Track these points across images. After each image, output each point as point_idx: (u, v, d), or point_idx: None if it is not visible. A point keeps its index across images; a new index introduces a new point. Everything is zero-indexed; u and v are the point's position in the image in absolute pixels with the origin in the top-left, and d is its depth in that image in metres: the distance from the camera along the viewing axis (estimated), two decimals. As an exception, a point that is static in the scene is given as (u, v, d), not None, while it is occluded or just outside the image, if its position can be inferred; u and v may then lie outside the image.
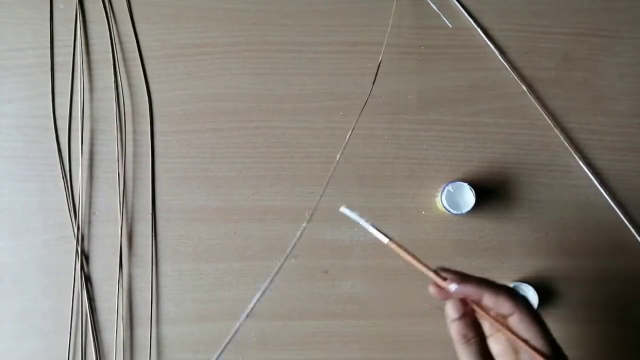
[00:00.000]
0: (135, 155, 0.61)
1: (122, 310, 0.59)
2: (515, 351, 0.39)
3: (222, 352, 0.44)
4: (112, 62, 0.61)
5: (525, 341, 0.37)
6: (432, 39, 0.62)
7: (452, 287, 0.38)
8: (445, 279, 0.38)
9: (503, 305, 0.38)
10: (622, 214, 0.60)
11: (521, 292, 0.59)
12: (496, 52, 0.61)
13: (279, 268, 0.38)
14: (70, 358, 0.59)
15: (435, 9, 0.62)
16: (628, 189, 0.61)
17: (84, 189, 0.60)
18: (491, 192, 0.61)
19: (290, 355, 0.60)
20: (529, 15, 0.62)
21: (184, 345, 0.60)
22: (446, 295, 0.38)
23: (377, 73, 0.61)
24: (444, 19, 0.62)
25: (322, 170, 0.61)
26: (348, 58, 0.62)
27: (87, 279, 0.60)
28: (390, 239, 0.39)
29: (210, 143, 0.61)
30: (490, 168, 0.61)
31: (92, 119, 0.61)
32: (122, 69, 0.61)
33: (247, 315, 0.38)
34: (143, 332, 0.59)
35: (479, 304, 0.39)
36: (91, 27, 0.62)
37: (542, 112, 0.61)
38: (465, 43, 0.62)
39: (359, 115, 0.60)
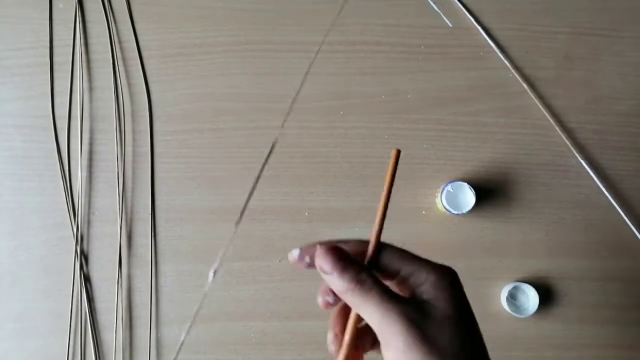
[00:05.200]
0: (134, 155, 0.61)
1: (122, 311, 0.59)
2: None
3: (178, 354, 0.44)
4: (111, 62, 0.61)
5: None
6: (432, 39, 0.62)
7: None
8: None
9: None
10: (623, 213, 0.60)
11: (521, 292, 0.59)
12: (497, 51, 0.61)
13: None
14: (69, 358, 0.59)
15: (436, 9, 0.62)
16: (629, 189, 0.61)
17: (83, 189, 0.60)
18: (491, 192, 0.60)
19: (290, 355, 0.60)
20: (530, 14, 0.62)
21: (183, 346, 0.59)
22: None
23: (307, 72, 0.61)
24: (444, 18, 0.62)
25: (322, 170, 0.61)
26: (348, 58, 0.62)
27: (87, 279, 0.59)
28: None
29: (210, 143, 0.61)
30: (490, 168, 0.61)
31: (92, 119, 0.61)
32: (121, 68, 0.61)
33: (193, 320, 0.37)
34: (142, 333, 0.59)
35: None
36: (90, 26, 0.62)
37: (544, 111, 0.61)
38: (465, 42, 0.62)
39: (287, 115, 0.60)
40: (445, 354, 0.29)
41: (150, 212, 0.60)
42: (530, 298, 0.58)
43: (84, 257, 0.60)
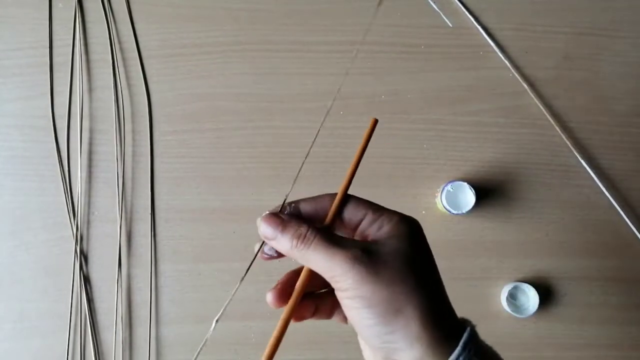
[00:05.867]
0: (134, 155, 0.61)
1: (121, 310, 0.59)
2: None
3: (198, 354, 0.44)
4: (111, 62, 0.61)
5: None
6: (432, 39, 0.62)
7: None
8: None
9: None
10: (623, 213, 0.60)
11: (521, 292, 0.59)
12: (497, 50, 0.61)
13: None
14: (69, 358, 0.59)
15: (436, 8, 0.62)
16: (629, 189, 0.61)
17: (83, 189, 0.60)
18: (491, 192, 0.60)
19: (290, 355, 0.60)
20: (529, 14, 0.62)
21: (183, 346, 0.59)
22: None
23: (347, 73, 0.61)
24: (444, 18, 0.62)
25: (322, 170, 0.61)
26: (348, 58, 0.62)
27: (86, 279, 0.59)
28: None
29: (209, 143, 0.61)
30: (491, 168, 0.61)
31: (91, 119, 0.61)
32: (121, 68, 0.61)
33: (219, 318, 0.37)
34: (142, 332, 0.59)
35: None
36: (90, 26, 0.62)
37: (544, 111, 0.61)
38: (465, 42, 0.62)
39: (326, 115, 0.60)
40: (394, 283, 0.30)
41: (150, 212, 0.60)
42: (531, 298, 0.58)
43: (83, 257, 0.60)
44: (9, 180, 0.60)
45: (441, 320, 0.31)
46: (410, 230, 0.33)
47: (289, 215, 0.34)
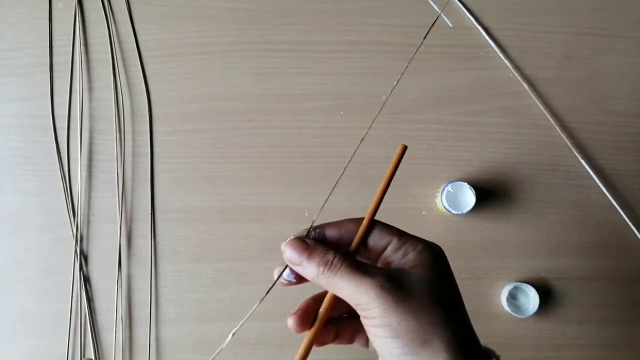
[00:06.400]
0: (134, 155, 0.61)
1: (121, 311, 0.59)
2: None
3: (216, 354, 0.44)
4: (111, 62, 0.61)
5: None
6: (432, 38, 0.62)
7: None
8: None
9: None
10: (624, 213, 0.60)
11: (521, 292, 0.59)
12: (497, 51, 0.61)
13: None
14: (69, 358, 0.59)
15: (436, 8, 0.62)
16: (629, 189, 0.61)
17: (83, 189, 0.60)
18: (491, 192, 0.60)
19: (290, 355, 0.60)
20: (530, 14, 0.62)
21: (183, 346, 0.59)
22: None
23: (403, 72, 0.61)
24: (445, 18, 0.62)
25: (322, 170, 0.61)
26: (348, 58, 0.62)
27: (86, 279, 0.59)
28: None
29: (209, 143, 0.61)
30: (491, 168, 0.61)
31: (91, 119, 0.61)
32: (121, 68, 0.61)
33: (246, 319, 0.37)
34: (142, 333, 0.59)
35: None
36: (90, 26, 0.62)
37: (544, 111, 0.61)
38: (465, 42, 0.62)
39: (376, 115, 0.60)
40: (421, 313, 0.30)
41: (150, 212, 0.60)
42: (531, 298, 0.58)
43: (83, 257, 0.60)
44: (9, 180, 0.60)
45: (467, 351, 0.31)
46: (435, 259, 0.33)
47: (315, 241, 0.34)
